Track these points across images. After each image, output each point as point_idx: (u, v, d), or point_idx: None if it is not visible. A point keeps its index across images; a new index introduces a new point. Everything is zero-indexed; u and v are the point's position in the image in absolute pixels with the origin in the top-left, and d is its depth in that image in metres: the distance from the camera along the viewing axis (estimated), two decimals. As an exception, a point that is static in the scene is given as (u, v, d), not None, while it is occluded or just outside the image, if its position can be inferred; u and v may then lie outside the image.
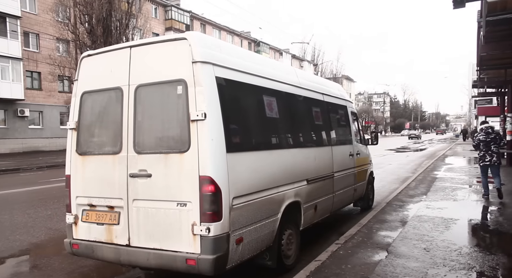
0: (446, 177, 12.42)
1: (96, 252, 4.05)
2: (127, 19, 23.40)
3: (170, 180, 3.68)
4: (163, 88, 3.81)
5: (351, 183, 6.98)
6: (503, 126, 18.73)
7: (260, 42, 54.12)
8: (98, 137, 4.30)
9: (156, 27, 37.38)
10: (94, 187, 4.13)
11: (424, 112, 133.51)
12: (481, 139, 8.73)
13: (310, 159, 5.42)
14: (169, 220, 3.65)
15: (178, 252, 3.58)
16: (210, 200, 3.49)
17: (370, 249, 5.14)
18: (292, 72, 5.71)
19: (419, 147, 35.01)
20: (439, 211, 7.39)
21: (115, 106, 4.05)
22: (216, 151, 3.57)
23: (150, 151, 3.82)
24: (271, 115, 4.70)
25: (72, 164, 4.32)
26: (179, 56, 3.71)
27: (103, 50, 4.38)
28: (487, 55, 13.54)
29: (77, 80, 4.42)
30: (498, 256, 4.83)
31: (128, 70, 3.99)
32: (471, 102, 53.30)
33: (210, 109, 3.57)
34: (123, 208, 3.91)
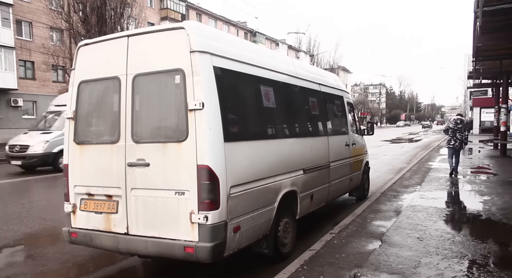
0: (441, 168, 12.50)
1: (94, 240, 4.07)
2: (122, 8, 23.08)
3: (168, 169, 3.69)
4: (160, 77, 3.80)
5: (347, 172, 7.03)
6: (498, 117, 18.85)
7: (256, 33, 53.76)
8: (95, 126, 4.30)
9: (151, 17, 36.97)
10: (92, 176, 4.13)
11: (419, 103, 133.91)
12: (450, 127, 10.85)
13: (307, 148, 5.46)
14: (167, 208, 3.68)
15: (176, 240, 3.61)
16: (208, 188, 3.52)
17: (364, 238, 5.18)
18: (289, 62, 5.71)
19: (414, 138, 35.17)
20: (433, 201, 7.44)
21: (113, 95, 4.05)
22: (214, 140, 3.59)
23: (148, 140, 3.82)
24: (268, 105, 4.71)
25: (70, 153, 4.31)
26: (176, 45, 3.69)
27: (100, 39, 4.34)
28: (483, 46, 13.55)
29: (74, 70, 4.38)
30: (490, 245, 4.88)
31: (126, 60, 3.97)
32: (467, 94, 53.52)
33: (208, 99, 3.57)
34: (121, 196, 3.92)
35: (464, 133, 10.77)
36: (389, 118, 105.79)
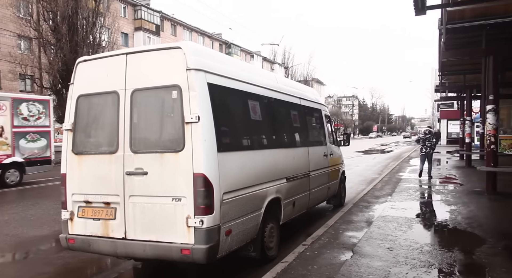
0: (410, 178, 12.84)
1: (92, 245, 4.26)
2: (94, 18, 22.76)
3: (165, 177, 3.97)
4: (158, 92, 4.10)
5: (325, 181, 7.42)
6: (463, 129, 19.63)
7: (231, 44, 54.09)
8: (94, 138, 4.54)
9: (125, 27, 36.60)
10: (90, 184, 4.35)
11: (391, 115, 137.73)
12: (421, 137, 13.09)
13: (289, 158, 5.84)
14: (165, 214, 3.94)
15: (173, 243, 3.86)
16: (204, 195, 3.81)
17: (336, 249, 5.23)
18: (273, 78, 6.13)
19: (386, 149, 36.06)
20: (403, 211, 7.62)
21: (111, 109, 4.29)
22: (209, 150, 3.89)
23: (146, 150, 4.09)
24: (255, 118, 5.07)
25: (68, 163, 4.52)
26: (174, 63, 4.00)
27: (99, 56, 4.63)
28: (448, 61, 14.17)
29: (72, 84, 4.60)
30: (456, 253, 5.03)
31: (124, 76, 4.23)
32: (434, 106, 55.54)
33: (203, 113, 3.89)
34: (119, 203, 4.14)
35: (432, 141, 12.73)
36: (362, 130, 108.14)
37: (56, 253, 5.64)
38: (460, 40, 11.40)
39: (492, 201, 8.77)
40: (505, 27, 9.45)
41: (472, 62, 14.10)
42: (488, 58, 10.15)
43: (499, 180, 9.82)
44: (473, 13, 8.73)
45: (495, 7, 8.25)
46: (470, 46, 11.82)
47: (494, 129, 9.63)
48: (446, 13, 8.62)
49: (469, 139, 17.91)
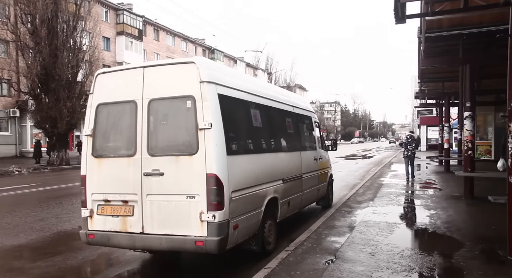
0: (392, 183, 13.04)
1: (112, 240, 4.69)
2: (75, 21, 22.41)
3: (180, 177, 4.43)
4: (173, 102, 4.60)
5: (315, 183, 7.98)
6: (441, 135, 20.09)
7: (214, 50, 54.09)
8: (113, 142, 4.96)
9: (106, 31, 36.16)
10: (109, 184, 4.76)
11: (372, 121, 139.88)
12: (403, 141, 14.96)
13: (285, 161, 6.41)
14: (179, 210, 4.41)
15: (187, 236, 4.34)
16: (216, 192, 4.29)
17: (319, 255, 5.25)
18: (271, 88, 6.89)
19: (367, 154, 36.54)
20: (384, 216, 7.72)
21: (130, 116, 4.73)
22: (220, 153, 4.39)
23: (162, 153, 4.55)
24: (257, 124, 5.64)
25: (87, 165, 4.92)
26: (188, 76, 4.48)
27: (117, 68, 5.19)
28: (427, 69, 14.50)
29: (92, 94, 5.02)
30: (435, 257, 5.12)
31: (142, 86, 4.68)
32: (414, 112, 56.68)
33: (214, 120, 4.37)
34: (137, 201, 4.58)
35: (412, 146, 14.25)
36: (344, 135, 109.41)
37: (32, 262, 5.48)
38: (439, 48, 11.70)
39: (470, 205, 8.98)
40: (480, 37, 9.75)
41: (450, 70, 14.48)
42: (465, 66, 10.44)
43: (476, 185, 10.07)
44: (450, 22, 8.98)
45: (470, 17, 8.51)
46: (448, 55, 12.14)
47: (471, 135, 9.89)
48: (425, 22, 8.84)
49: (447, 145, 18.34)
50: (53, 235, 6.93)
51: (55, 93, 21.78)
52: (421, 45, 11.25)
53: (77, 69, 22.91)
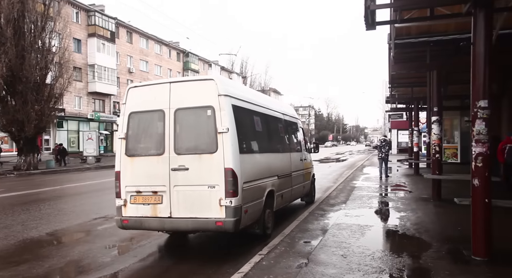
0: (364, 186, 13.29)
1: (143, 224, 5.68)
2: (43, 22, 21.71)
3: (202, 171, 5.46)
4: (196, 111, 5.64)
5: (301, 181, 9.08)
6: (411, 139, 20.68)
7: (189, 53, 53.72)
8: (143, 144, 5.95)
9: (77, 33, 35.26)
10: (141, 178, 5.73)
11: (345, 125, 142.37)
12: (377, 144, 17.07)
13: (279, 161, 7.62)
14: (202, 198, 5.44)
15: (209, 218, 5.37)
16: (232, 183, 5.34)
17: (292, 258, 5.28)
18: (267, 99, 8.49)
19: (340, 158, 37.12)
20: (356, 219, 7.86)
21: (158, 122, 5.76)
22: (234, 152, 5.46)
23: (187, 152, 5.58)
24: (258, 129, 6.81)
25: (121, 163, 5.86)
26: (208, 90, 5.55)
27: (147, 83, 6.28)
28: (397, 74, 14.94)
29: (124, 104, 6.02)
30: (405, 258, 5.26)
31: (169, 98, 5.72)
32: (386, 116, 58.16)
33: (230, 125, 5.44)
34: (165, 192, 5.57)
35: (386, 148, 15.77)
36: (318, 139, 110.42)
37: (-5, 272, 5.24)
38: (408, 54, 12.07)
39: (438, 207, 9.27)
40: (446, 44, 10.13)
41: (418, 76, 14.96)
42: (432, 72, 10.82)
43: (444, 187, 10.42)
44: (418, 30, 9.29)
45: (437, 25, 8.84)
46: (417, 61, 12.54)
47: (439, 139, 10.23)
48: (394, 29, 9.11)
49: (417, 148, 18.90)
50: (18, 243, 6.66)
51: (22, 95, 20.99)
52: (391, 51, 11.56)
53: (46, 71, 22.18)
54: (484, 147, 5.00)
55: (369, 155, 40.34)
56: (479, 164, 5.03)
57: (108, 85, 38.43)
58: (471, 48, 5.15)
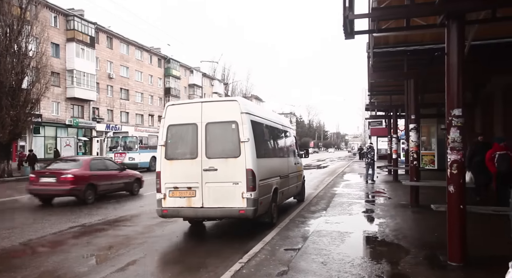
0: (344, 193, 13.42)
1: (180, 213, 7.26)
2: (19, 26, 21.21)
3: (228, 171, 6.97)
4: (223, 125, 7.17)
5: (295, 181, 10.68)
6: (390, 146, 21.04)
7: (170, 59, 53.40)
8: (180, 149, 7.40)
9: (55, 37, 34.58)
10: (178, 177, 7.17)
11: (326, 132, 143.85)
12: (364, 151, 18.34)
13: (280, 164, 9.17)
14: (228, 192, 6.94)
15: (234, 207, 6.91)
16: (252, 180, 6.88)
17: (273, 266, 5.27)
18: (272, 113, 10.72)
19: (321, 164, 37.43)
20: (337, 225, 7.91)
21: (192, 133, 7.24)
22: (253, 156, 7.01)
23: (216, 156, 7.06)
24: (266, 139, 8.54)
25: (162, 165, 7.31)
26: (232, 109, 7.12)
27: (182, 102, 8.26)
28: (376, 82, 15.23)
29: (164, 118, 7.49)
30: (383, 265, 5.32)
31: (201, 114, 7.23)
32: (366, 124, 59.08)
33: (250, 136, 7.01)
34: (198, 187, 7.04)
35: (372, 154, 17.43)
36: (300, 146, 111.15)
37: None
38: (386, 63, 12.33)
39: (416, 213, 9.44)
40: (422, 54, 10.41)
41: (396, 84, 15.29)
42: (409, 81, 11.08)
43: (422, 193, 10.63)
44: (396, 39, 9.52)
45: (413, 35, 9.07)
46: (395, 69, 12.81)
47: (416, 146, 10.46)
48: (373, 38, 9.31)
49: (395, 155, 19.23)
50: (-11, 255, 6.41)
51: (-4, 101, 20.39)
52: (370, 60, 11.80)
53: (22, 76, 21.61)
54: (459, 154, 5.13)
55: (349, 162, 40.80)
56: (454, 171, 5.16)
57: (88, 91, 37.73)
58: (445, 58, 5.30)
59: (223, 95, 68.81)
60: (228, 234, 7.88)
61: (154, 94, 50.67)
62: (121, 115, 44.48)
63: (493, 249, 6.10)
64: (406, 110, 14.14)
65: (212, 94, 67.53)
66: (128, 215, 9.92)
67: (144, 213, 10.20)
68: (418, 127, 10.62)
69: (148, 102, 49.04)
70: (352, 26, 6.13)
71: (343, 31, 6.15)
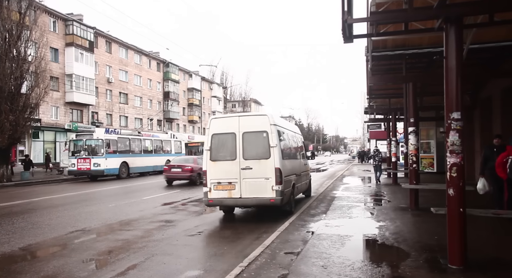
0: (343, 196, 13.41)
1: (223, 202, 9.17)
2: (18, 31, 21.25)
3: (261, 169, 8.82)
4: (256, 133, 9.02)
5: (305, 179, 12.51)
6: (389, 149, 21.06)
7: (169, 63, 53.50)
8: (222, 153, 9.18)
9: (54, 42, 34.65)
10: (220, 174, 9.03)
11: (325, 135, 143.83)
12: (372, 154, 20.39)
13: (296, 164, 11.12)
14: (261, 185, 8.80)
15: (265, 197, 8.76)
16: (279, 176, 8.73)
17: (273, 270, 5.26)
18: (289, 123, 12.76)
19: (321, 168, 37.42)
20: (337, 229, 7.91)
21: (231, 140, 9.11)
22: (280, 158, 8.89)
23: (251, 158, 8.93)
24: (286, 143, 10.34)
25: (207, 165, 9.17)
26: (263, 121, 9.06)
27: (223, 116, 10.67)
28: (374, 86, 15.26)
29: (208, 128, 9.36)
30: (384, 268, 5.31)
31: (238, 125, 9.14)
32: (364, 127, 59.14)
33: (277, 142, 8.90)
34: (237, 182, 8.92)
35: (379, 157, 18.92)
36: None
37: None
38: (384, 66, 12.39)
39: (415, 216, 9.44)
40: (421, 57, 10.46)
41: (395, 87, 15.35)
42: (408, 84, 11.12)
43: (421, 196, 10.63)
44: (394, 43, 9.58)
45: (411, 39, 9.13)
46: (393, 73, 12.88)
47: (415, 149, 10.48)
48: (371, 42, 9.36)
49: (395, 158, 19.25)
50: (-12, 260, 6.39)
51: (-5, 105, 20.39)
52: (369, 63, 11.85)
53: (21, 80, 21.62)
54: (458, 157, 5.15)
55: (348, 165, 40.80)
56: (454, 174, 5.18)
57: (87, 95, 37.75)
58: (443, 61, 5.33)
59: (222, 99, 68.87)
60: (228, 238, 7.87)
61: (153, 98, 50.72)
62: (120, 119, 44.48)
63: (493, 252, 6.11)
64: (405, 113, 14.17)
65: (211, 98, 67.57)
66: (128, 219, 9.91)
67: (144, 217, 10.19)
68: (417, 131, 10.65)
69: (147, 106, 49.06)
70: (351, 30, 6.16)
71: (342, 35, 6.19)
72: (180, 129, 56.96)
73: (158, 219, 9.92)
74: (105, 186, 20.12)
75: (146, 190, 17.33)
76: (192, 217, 10.15)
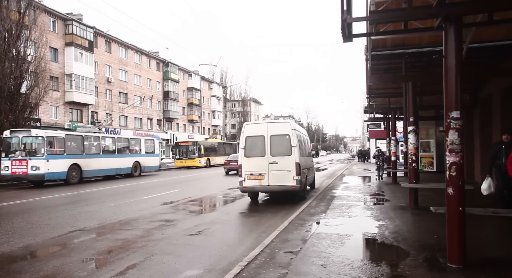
0: (343, 195, 13.41)
1: (254, 189, 11.91)
2: (18, 30, 21.26)
3: (284, 164, 11.59)
4: (281, 136, 11.75)
5: (312, 173, 15.12)
6: (389, 148, 21.06)
7: (169, 63, 53.47)
8: (254, 151, 11.83)
9: (54, 42, 34.63)
10: (252, 167, 11.73)
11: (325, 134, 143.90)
12: (375, 154, 20.73)
13: (307, 160, 13.50)
14: (285, 176, 11.59)
15: (288, 184, 11.58)
16: (298, 168, 11.56)
17: (272, 269, 5.26)
18: (300, 127, 14.67)
19: (320, 167, 37.42)
20: (336, 228, 7.91)
21: (261, 141, 11.83)
22: (299, 155, 11.71)
23: (277, 155, 11.65)
24: (301, 144, 12.64)
25: (242, 160, 11.89)
26: (286, 127, 11.95)
27: (255, 123, 13.88)
28: (374, 85, 15.25)
29: (243, 132, 12.06)
30: (383, 267, 5.31)
31: (266, 130, 11.92)
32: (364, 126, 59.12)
33: (297, 143, 11.73)
34: (266, 173, 11.66)
35: (383, 157, 20.30)
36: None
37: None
38: (384, 66, 12.38)
39: (415, 215, 9.44)
40: (420, 56, 10.45)
41: (395, 87, 15.34)
42: (407, 83, 11.11)
43: (420, 195, 10.62)
44: (394, 42, 9.57)
45: (411, 38, 9.12)
46: (393, 72, 12.87)
47: (415, 148, 10.47)
48: (371, 41, 9.34)
49: (394, 157, 19.25)
50: (-13, 259, 6.39)
51: (-5, 105, 20.39)
52: (368, 62, 11.84)
53: (21, 80, 21.67)
54: (458, 156, 5.15)
55: (348, 164, 40.79)
56: (453, 173, 5.18)
57: (86, 95, 37.75)
58: (443, 60, 5.33)
59: (222, 99, 68.83)
60: (231, 238, 7.87)
61: (153, 98, 50.70)
62: (120, 119, 44.46)
63: (492, 251, 6.11)
64: (404, 112, 14.17)
65: (211, 97, 67.56)
66: (127, 219, 9.90)
67: (143, 216, 10.19)
68: (417, 130, 10.64)
69: (147, 106, 49.05)
70: (350, 29, 6.15)
71: (341, 34, 6.18)
72: (180, 129, 56.97)
73: (158, 218, 9.92)
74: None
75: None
76: (192, 217, 10.16)
